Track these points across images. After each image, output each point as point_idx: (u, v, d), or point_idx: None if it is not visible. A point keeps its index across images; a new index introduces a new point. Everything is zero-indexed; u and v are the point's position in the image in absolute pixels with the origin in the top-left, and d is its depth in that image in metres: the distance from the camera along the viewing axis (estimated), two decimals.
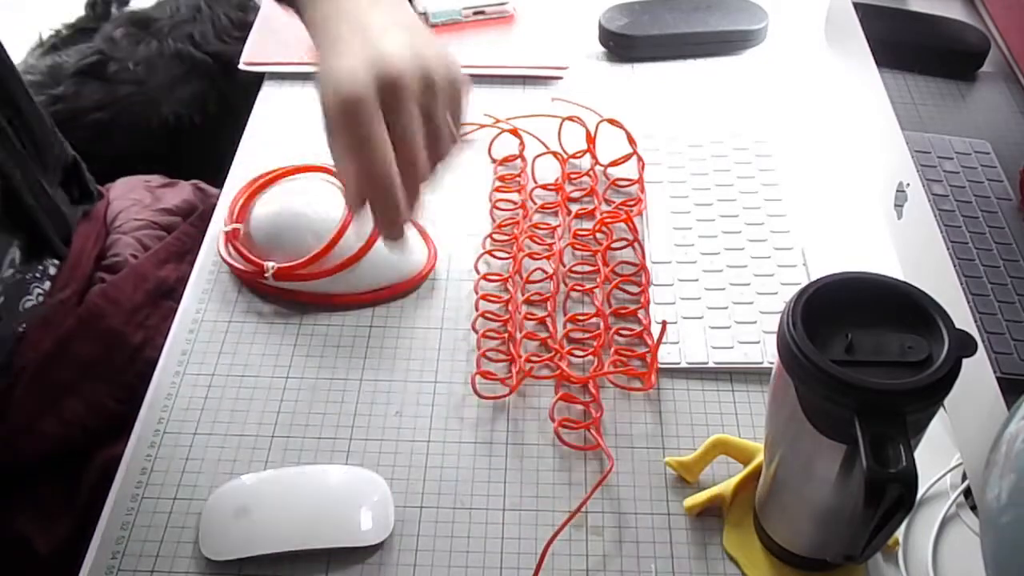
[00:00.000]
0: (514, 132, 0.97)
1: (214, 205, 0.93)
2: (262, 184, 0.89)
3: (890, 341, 0.54)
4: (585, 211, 0.90)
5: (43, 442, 0.81)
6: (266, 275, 0.81)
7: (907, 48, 0.94)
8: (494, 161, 0.97)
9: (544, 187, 0.93)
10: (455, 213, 0.90)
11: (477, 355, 0.78)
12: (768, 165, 0.95)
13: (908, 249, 0.79)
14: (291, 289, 0.82)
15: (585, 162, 0.95)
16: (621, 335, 0.79)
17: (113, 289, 0.86)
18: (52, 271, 0.86)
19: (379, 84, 0.58)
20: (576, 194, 0.92)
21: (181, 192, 1.03)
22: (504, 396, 0.76)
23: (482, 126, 0.99)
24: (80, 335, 0.82)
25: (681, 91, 1.06)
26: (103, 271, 0.90)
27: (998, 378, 0.62)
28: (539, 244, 0.87)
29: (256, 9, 1.19)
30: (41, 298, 0.84)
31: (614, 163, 0.94)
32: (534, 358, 0.78)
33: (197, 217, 1.00)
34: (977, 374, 0.62)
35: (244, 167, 0.94)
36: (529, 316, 0.81)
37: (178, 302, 0.83)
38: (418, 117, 0.59)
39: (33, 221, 0.83)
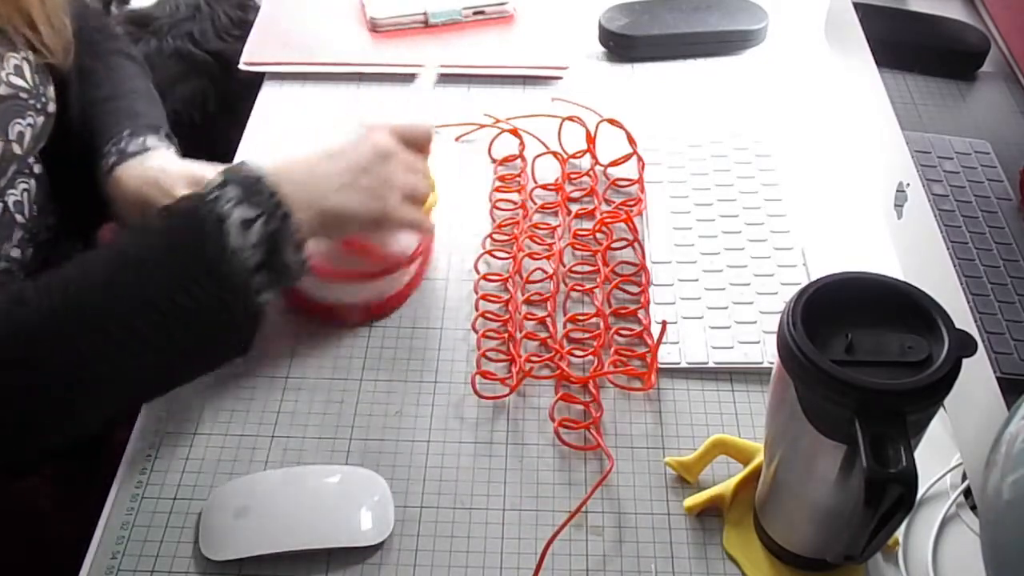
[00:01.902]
0: (514, 132, 0.97)
1: None
2: None
3: (890, 341, 0.54)
4: (585, 211, 0.90)
5: None
6: None
7: (907, 48, 0.94)
8: (494, 161, 0.97)
9: (544, 187, 0.93)
10: (455, 213, 0.90)
11: (477, 355, 0.78)
12: (768, 165, 0.95)
13: (908, 249, 0.79)
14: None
15: (585, 162, 0.95)
16: (621, 335, 0.79)
17: None
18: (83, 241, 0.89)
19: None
20: (576, 194, 0.92)
21: None
22: (504, 396, 0.76)
23: (482, 126, 0.99)
24: None
25: (681, 91, 1.06)
26: None
27: (998, 378, 0.62)
28: (539, 244, 0.87)
29: (256, 9, 1.19)
30: None
31: (614, 163, 0.94)
32: (534, 358, 0.78)
33: None
34: (977, 374, 0.62)
35: None
36: (529, 316, 0.81)
37: None
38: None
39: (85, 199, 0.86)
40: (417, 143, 0.79)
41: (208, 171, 0.79)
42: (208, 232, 0.65)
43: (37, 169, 0.83)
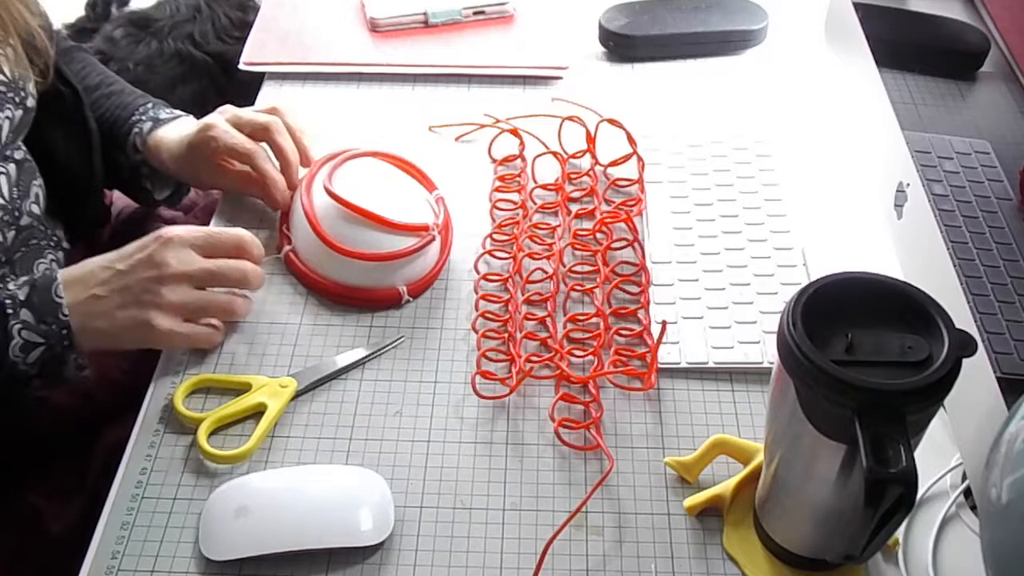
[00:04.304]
0: (514, 132, 0.97)
1: (215, 201, 0.94)
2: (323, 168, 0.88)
3: (890, 341, 0.54)
4: (585, 211, 0.90)
5: (55, 415, 0.83)
6: (282, 252, 0.83)
7: (907, 48, 0.94)
8: (494, 161, 0.97)
9: (544, 187, 0.93)
10: (455, 213, 0.90)
11: (477, 355, 0.78)
12: (768, 165, 0.95)
13: (908, 249, 0.79)
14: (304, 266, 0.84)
15: (585, 162, 0.95)
16: (621, 335, 0.79)
17: None
18: (65, 244, 0.90)
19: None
20: (576, 194, 0.92)
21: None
22: (504, 396, 0.76)
23: (482, 126, 0.99)
24: None
25: (681, 91, 1.06)
26: None
27: (998, 378, 0.62)
28: (539, 244, 0.87)
29: (256, 9, 1.19)
30: (55, 265, 0.87)
31: (614, 163, 0.94)
32: (534, 358, 0.78)
33: (200, 210, 1.03)
34: (977, 374, 0.62)
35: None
36: (529, 316, 0.81)
37: None
38: None
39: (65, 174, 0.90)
40: (224, 249, 0.76)
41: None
42: None
43: (18, 155, 0.84)
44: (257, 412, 0.74)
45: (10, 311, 0.71)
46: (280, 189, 0.85)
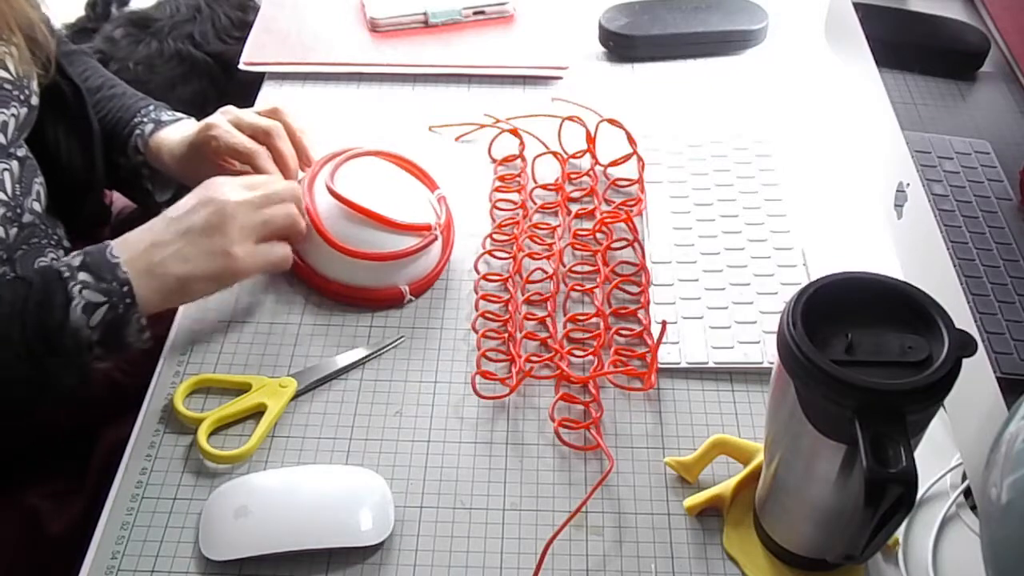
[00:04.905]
0: (514, 132, 0.97)
1: None
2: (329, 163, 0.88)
3: (890, 341, 0.54)
4: (585, 211, 0.90)
5: (56, 416, 0.83)
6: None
7: (907, 48, 0.94)
8: (494, 161, 0.97)
9: (544, 187, 0.93)
10: (455, 213, 0.90)
11: (477, 355, 0.78)
12: (768, 165, 0.95)
13: (908, 249, 0.79)
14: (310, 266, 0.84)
15: (585, 162, 0.95)
16: (621, 335, 0.79)
17: None
18: (66, 243, 0.90)
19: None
20: (576, 194, 0.92)
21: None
22: (504, 396, 0.76)
23: (482, 126, 0.99)
24: None
25: (681, 91, 1.06)
26: None
27: (998, 378, 0.62)
28: (539, 244, 0.87)
29: (256, 9, 1.19)
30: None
31: (614, 163, 0.94)
32: (534, 358, 0.78)
33: None
34: (977, 374, 0.62)
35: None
36: (529, 316, 0.81)
37: None
38: None
39: (65, 173, 0.90)
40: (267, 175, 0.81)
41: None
42: (54, 307, 0.69)
43: (20, 152, 0.84)
44: (257, 412, 0.74)
45: (67, 275, 0.70)
46: None
